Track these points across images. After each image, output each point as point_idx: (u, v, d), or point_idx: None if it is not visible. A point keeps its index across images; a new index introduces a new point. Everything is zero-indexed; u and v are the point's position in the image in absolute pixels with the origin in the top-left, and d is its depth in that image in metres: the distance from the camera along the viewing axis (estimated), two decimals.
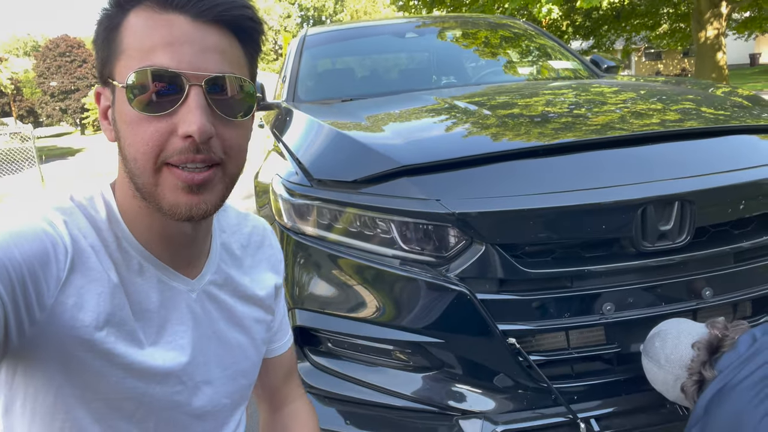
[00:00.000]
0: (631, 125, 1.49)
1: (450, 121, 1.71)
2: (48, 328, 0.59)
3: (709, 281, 1.35)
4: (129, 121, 0.61)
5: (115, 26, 0.62)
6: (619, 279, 1.31)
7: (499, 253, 1.28)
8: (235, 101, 0.63)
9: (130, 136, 0.61)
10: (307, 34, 2.97)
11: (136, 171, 0.62)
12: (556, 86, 2.30)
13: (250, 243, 0.86)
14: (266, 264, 0.87)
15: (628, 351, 1.33)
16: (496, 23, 3.29)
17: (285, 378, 0.99)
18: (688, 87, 2.15)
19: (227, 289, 0.79)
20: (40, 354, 0.60)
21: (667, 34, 20.77)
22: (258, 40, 0.67)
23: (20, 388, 0.64)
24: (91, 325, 0.62)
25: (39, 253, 0.58)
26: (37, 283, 0.57)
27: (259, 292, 0.84)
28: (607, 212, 1.27)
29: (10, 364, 0.63)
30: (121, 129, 0.62)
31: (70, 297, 0.61)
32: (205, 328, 0.75)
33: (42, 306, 0.58)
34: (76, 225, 0.64)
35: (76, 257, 0.62)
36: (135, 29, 0.60)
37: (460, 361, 1.35)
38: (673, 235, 1.29)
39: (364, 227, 1.39)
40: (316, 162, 1.53)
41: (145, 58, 0.59)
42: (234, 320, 0.80)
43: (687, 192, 1.28)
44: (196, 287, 0.74)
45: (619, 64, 3.00)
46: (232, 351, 0.80)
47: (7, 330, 0.56)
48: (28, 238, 0.58)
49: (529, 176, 1.34)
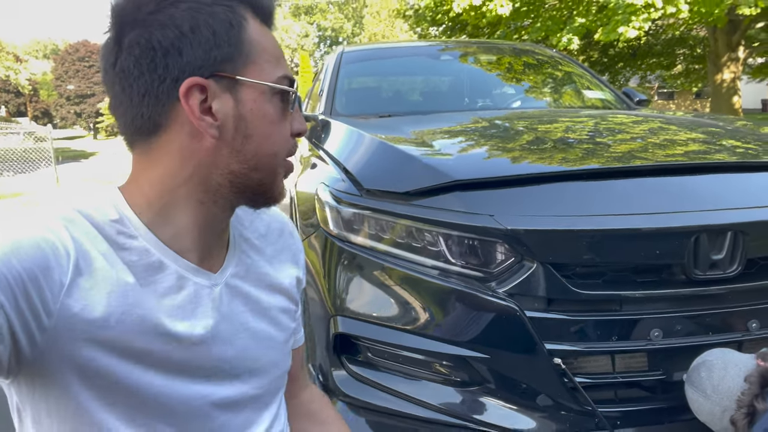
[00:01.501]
0: (683, 155, 1.50)
1: (496, 140, 1.74)
2: (59, 334, 0.59)
3: (756, 313, 1.35)
4: (272, 120, 0.68)
5: (236, 24, 0.64)
6: (668, 305, 1.31)
7: (549, 271, 1.29)
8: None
9: (273, 133, 0.69)
10: (344, 51, 3.03)
11: (262, 166, 0.69)
12: (599, 114, 2.34)
13: (270, 232, 0.86)
14: (288, 253, 0.87)
15: (673, 379, 1.33)
16: (533, 52, 3.35)
17: (300, 366, 1.00)
18: (725, 123, 2.17)
19: (251, 280, 0.79)
20: (55, 362, 0.60)
21: (681, 75, 20.97)
22: None
23: (42, 400, 0.64)
24: (103, 325, 0.61)
25: (39, 260, 0.58)
26: (40, 290, 0.57)
27: (283, 280, 0.84)
28: (660, 238, 1.28)
29: (28, 376, 0.62)
30: (258, 126, 0.68)
31: (78, 300, 0.60)
32: (231, 321, 0.75)
33: (48, 312, 0.58)
34: (79, 229, 0.63)
35: (80, 260, 0.61)
36: (259, 35, 0.67)
37: (503, 378, 1.35)
38: (724, 264, 1.30)
39: (413, 239, 1.40)
40: (367, 172, 1.55)
41: (278, 66, 0.68)
42: (260, 311, 0.79)
43: (740, 223, 1.29)
44: (219, 281, 0.74)
45: (650, 98, 3.03)
46: (260, 342, 0.79)
47: (16, 340, 0.56)
48: (27, 247, 0.57)
49: (582, 198, 1.36)
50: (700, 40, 18.27)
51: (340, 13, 55.33)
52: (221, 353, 0.73)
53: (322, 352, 1.56)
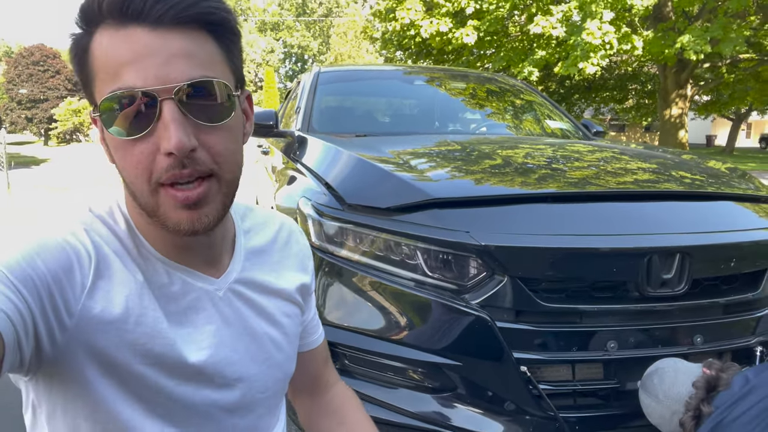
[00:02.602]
0: (634, 183, 1.65)
1: (470, 162, 1.85)
2: (79, 334, 0.61)
3: (700, 329, 1.49)
4: (115, 147, 0.61)
5: (84, 49, 0.61)
6: (623, 319, 1.44)
7: (518, 285, 1.40)
8: (215, 104, 0.61)
9: (120, 160, 0.62)
10: (320, 71, 3.12)
11: (136, 193, 0.62)
12: (563, 143, 2.50)
13: (278, 239, 0.87)
14: (294, 260, 0.88)
15: (626, 387, 1.45)
16: (497, 80, 3.53)
17: (324, 364, 1.02)
18: (674, 155, 2.36)
19: (255, 286, 0.79)
20: (74, 360, 0.61)
21: (633, 108, 22.00)
22: (231, 26, 0.64)
23: (59, 396, 0.65)
24: (121, 327, 0.63)
25: (62, 262, 0.60)
26: (63, 291, 0.59)
27: (288, 287, 0.84)
28: (617, 257, 1.41)
29: (46, 373, 0.63)
30: (114, 152, 0.63)
31: (98, 302, 0.62)
32: (235, 325, 0.76)
33: (70, 313, 0.60)
34: (98, 233, 0.66)
35: (100, 263, 0.64)
36: (101, 50, 0.59)
37: (473, 384, 1.44)
38: (673, 283, 1.44)
39: (392, 252, 1.49)
40: (349, 188, 1.64)
41: (115, 80, 0.58)
42: (265, 315, 0.80)
43: (687, 246, 1.44)
44: (222, 286, 0.75)
45: (607, 130, 3.23)
46: (265, 346, 0.80)
47: (38, 338, 0.58)
48: (51, 249, 0.60)
49: (549, 218, 1.48)
50: (650, 77, 19.27)
51: (307, 31, 55.62)
52: (225, 357, 0.75)
53: None
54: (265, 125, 2.60)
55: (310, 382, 1.01)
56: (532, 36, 12.71)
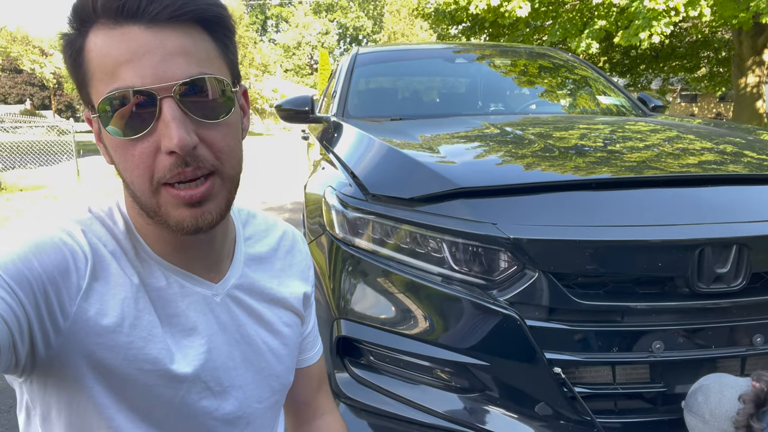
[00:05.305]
0: (691, 166, 1.49)
1: (504, 148, 1.74)
2: (73, 337, 0.60)
3: (760, 328, 1.34)
4: (115, 147, 0.60)
5: (78, 50, 0.60)
6: (671, 318, 1.31)
7: (551, 281, 1.29)
8: (214, 101, 0.61)
9: (121, 161, 0.61)
10: (358, 53, 3.04)
11: (137, 193, 0.61)
12: (610, 121, 2.31)
13: (280, 247, 0.86)
14: (296, 269, 0.87)
15: (674, 391, 1.32)
16: (549, 55, 3.33)
17: (316, 390, 0.98)
18: (742, 132, 2.14)
19: (254, 293, 0.78)
20: (68, 363, 0.61)
21: (705, 78, 20.61)
22: (226, 22, 0.64)
23: (53, 398, 0.64)
24: (116, 330, 0.62)
25: (58, 263, 0.59)
26: (58, 292, 0.58)
27: (288, 295, 0.83)
28: (664, 250, 1.27)
29: (40, 375, 0.62)
30: (111, 154, 0.62)
31: (93, 304, 0.61)
32: (232, 332, 0.75)
33: (65, 314, 0.59)
34: (95, 234, 0.65)
35: (96, 265, 0.63)
36: (97, 50, 0.58)
37: (502, 385, 1.35)
38: (728, 278, 1.29)
39: (416, 244, 1.41)
40: (372, 177, 1.56)
41: (112, 80, 0.57)
42: (263, 324, 0.79)
43: (746, 236, 1.28)
44: (220, 291, 0.74)
45: (666, 104, 3.00)
46: (262, 355, 0.79)
47: (33, 340, 0.57)
48: (47, 249, 0.59)
49: (586, 208, 1.35)
50: (725, 43, 17.94)
51: (361, 10, 55.39)
52: (220, 363, 0.73)
53: (326, 354, 1.58)
54: (301, 111, 2.56)
55: (297, 406, 0.96)
56: (591, 5, 12.06)
